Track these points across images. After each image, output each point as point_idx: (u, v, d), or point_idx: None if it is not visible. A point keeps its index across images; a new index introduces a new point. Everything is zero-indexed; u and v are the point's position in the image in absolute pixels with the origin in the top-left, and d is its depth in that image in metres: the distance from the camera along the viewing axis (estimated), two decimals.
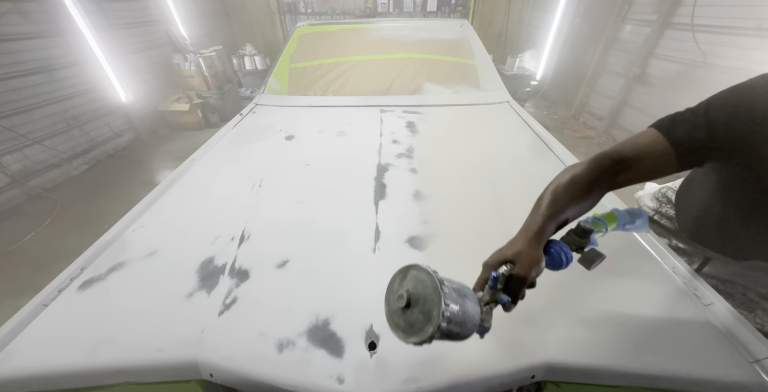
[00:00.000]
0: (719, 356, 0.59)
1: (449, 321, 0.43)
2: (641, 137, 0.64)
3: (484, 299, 0.52)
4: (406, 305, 0.46)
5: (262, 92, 2.08)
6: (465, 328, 0.46)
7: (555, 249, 0.55)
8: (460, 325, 0.45)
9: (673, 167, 0.61)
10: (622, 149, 0.63)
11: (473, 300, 0.48)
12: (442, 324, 0.42)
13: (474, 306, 0.47)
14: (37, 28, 2.97)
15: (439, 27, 2.41)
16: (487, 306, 0.51)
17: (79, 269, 0.83)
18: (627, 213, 0.64)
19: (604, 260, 0.55)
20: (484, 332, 0.52)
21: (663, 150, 0.60)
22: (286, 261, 0.81)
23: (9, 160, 2.79)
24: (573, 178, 0.61)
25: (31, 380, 0.61)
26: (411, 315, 0.46)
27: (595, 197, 0.63)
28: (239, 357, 0.61)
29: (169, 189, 1.16)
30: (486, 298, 0.52)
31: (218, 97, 4.58)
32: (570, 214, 0.59)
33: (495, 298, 0.51)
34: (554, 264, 0.55)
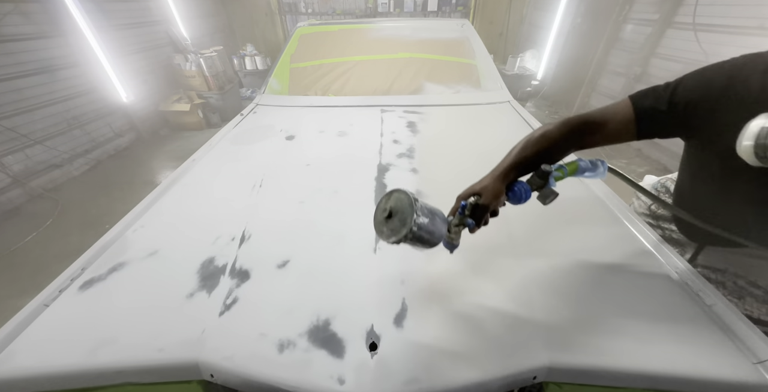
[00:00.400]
0: (722, 357, 0.58)
1: (419, 228, 0.57)
2: (615, 105, 0.70)
3: (454, 222, 0.66)
4: (388, 216, 0.60)
5: (262, 92, 2.08)
6: (433, 236, 0.60)
7: (517, 186, 0.68)
8: (429, 233, 0.59)
9: (632, 134, 0.68)
10: (593, 113, 0.71)
11: (442, 219, 0.62)
12: (413, 228, 0.56)
13: (442, 224, 0.62)
14: (38, 29, 2.97)
15: (439, 27, 2.40)
16: (457, 227, 0.66)
17: (80, 269, 0.83)
18: (589, 162, 0.74)
19: (557, 197, 0.67)
20: (453, 248, 0.68)
21: (627, 117, 0.67)
22: (286, 262, 0.81)
23: (11, 161, 2.80)
24: (544, 133, 0.71)
25: (32, 380, 0.61)
26: (392, 223, 0.60)
27: (561, 152, 0.72)
28: (240, 357, 0.61)
29: (170, 189, 1.16)
30: (456, 222, 0.66)
31: (219, 97, 4.58)
32: (535, 163, 0.68)
33: (463, 222, 0.66)
34: (515, 198, 0.69)
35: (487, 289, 0.72)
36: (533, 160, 0.69)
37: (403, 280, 0.74)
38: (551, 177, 0.67)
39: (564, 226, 0.92)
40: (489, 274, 0.76)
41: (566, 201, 1.02)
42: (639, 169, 3.27)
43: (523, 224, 0.91)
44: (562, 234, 0.89)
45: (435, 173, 1.20)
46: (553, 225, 0.92)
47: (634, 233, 0.88)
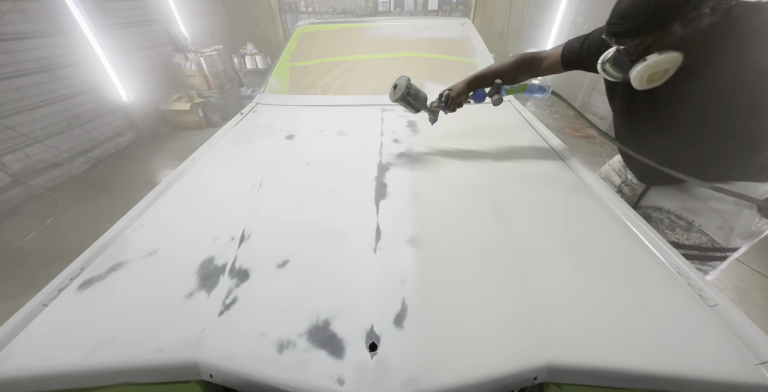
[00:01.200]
0: (724, 358, 0.58)
1: (408, 93, 1.13)
2: (556, 46, 1.11)
3: (434, 104, 1.23)
4: (394, 87, 1.17)
5: (262, 91, 2.08)
6: (417, 103, 1.18)
7: (477, 91, 1.18)
8: (415, 100, 1.16)
9: (559, 66, 1.10)
10: (540, 51, 1.16)
11: (423, 97, 1.19)
12: (405, 93, 1.13)
13: (424, 98, 1.19)
14: (38, 28, 2.97)
15: (440, 26, 2.40)
16: (436, 108, 1.24)
17: (79, 269, 0.82)
18: (537, 86, 1.17)
19: (502, 101, 1.11)
20: (433, 121, 1.30)
21: (557, 54, 1.09)
22: (286, 261, 0.81)
23: (11, 159, 2.80)
24: (504, 61, 1.19)
25: (31, 380, 0.61)
26: (395, 90, 1.16)
27: (514, 75, 1.16)
28: (239, 357, 0.60)
29: (170, 188, 1.15)
30: (435, 104, 1.23)
31: (219, 96, 4.58)
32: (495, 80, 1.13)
33: (439, 105, 1.22)
34: (475, 97, 1.19)
35: (487, 289, 0.72)
36: (491, 77, 1.14)
37: (404, 280, 0.74)
38: (502, 88, 1.10)
39: (564, 226, 0.91)
40: (489, 274, 0.76)
41: (566, 201, 1.02)
42: None
43: (524, 224, 0.91)
44: (562, 234, 0.88)
45: (435, 173, 1.19)
46: (553, 225, 0.92)
47: (634, 232, 0.88)
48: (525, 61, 1.13)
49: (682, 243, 1.03)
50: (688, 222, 1.02)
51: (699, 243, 1.01)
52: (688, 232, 1.02)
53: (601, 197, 1.02)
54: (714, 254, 1.01)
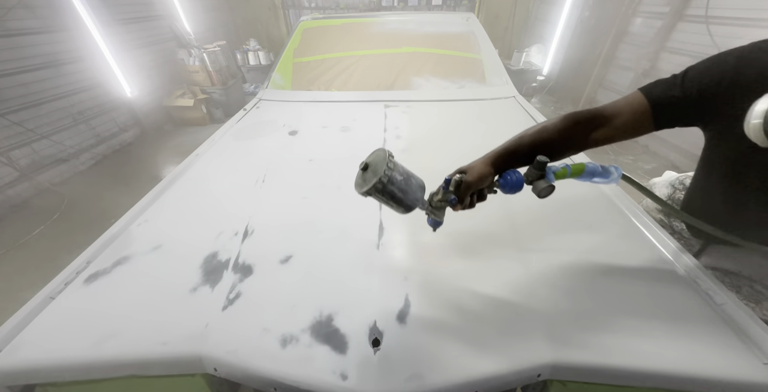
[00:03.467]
0: (731, 356, 0.57)
1: (389, 180, 0.58)
2: (624, 98, 0.68)
3: (437, 197, 0.66)
4: (363, 168, 0.62)
5: (265, 87, 2.07)
6: (406, 196, 0.61)
7: (510, 174, 0.66)
8: (401, 191, 0.60)
9: (648, 125, 0.65)
10: (604, 106, 0.68)
11: (419, 185, 0.64)
12: (383, 179, 0.57)
13: (418, 189, 0.63)
14: (42, 23, 2.97)
15: (444, 21, 2.37)
16: (440, 203, 0.66)
17: (86, 263, 0.83)
18: (599, 166, 0.68)
19: (552, 190, 0.64)
20: (436, 225, 0.70)
21: (641, 106, 0.64)
22: (289, 257, 0.81)
23: (18, 155, 2.82)
24: (545, 125, 0.69)
25: (38, 372, 0.62)
26: (366, 175, 0.61)
27: (563, 147, 0.68)
28: (243, 351, 0.61)
29: (174, 184, 1.16)
30: (439, 196, 0.66)
31: (222, 92, 4.58)
32: (532, 154, 0.65)
33: (446, 197, 0.65)
34: (506, 185, 0.66)
35: (491, 286, 0.72)
36: (528, 150, 0.67)
37: (407, 276, 0.74)
38: (548, 169, 0.64)
39: (570, 223, 0.90)
40: (494, 271, 0.76)
41: (572, 198, 1.00)
42: (646, 166, 3.23)
43: (528, 220, 0.90)
44: (567, 230, 0.87)
45: (439, 169, 1.18)
46: (558, 221, 0.91)
47: (641, 230, 0.87)
48: (581, 123, 0.68)
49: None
50: None
51: None
52: None
53: (608, 195, 1.01)
54: None
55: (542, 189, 0.63)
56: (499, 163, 0.67)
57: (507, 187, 0.66)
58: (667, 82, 0.64)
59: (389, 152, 0.61)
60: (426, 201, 0.66)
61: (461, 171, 0.67)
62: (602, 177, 0.68)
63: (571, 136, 0.68)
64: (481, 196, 0.68)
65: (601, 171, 0.68)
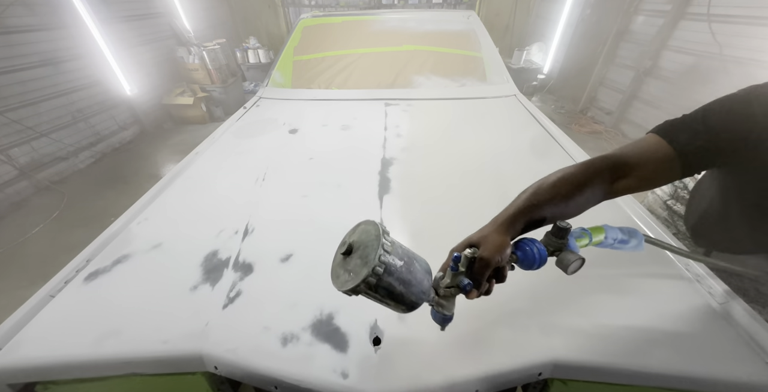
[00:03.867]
0: (734, 356, 0.57)
1: (386, 270, 0.40)
2: (643, 142, 0.61)
3: (445, 282, 0.49)
4: (346, 251, 0.44)
5: (265, 85, 2.06)
6: (409, 291, 0.44)
7: (528, 245, 0.52)
8: (403, 283, 0.43)
9: (675, 174, 0.59)
10: (623, 153, 0.61)
11: (424, 269, 0.47)
12: (378, 268, 0.40)
13: (424, 275, 0.46)
14: (41, 21, 2.96)
15: (445, 18, 2.36)
16: (449, 289, 0.49)
17: (85, 261, 0.83)
18: (618, 230, 0.59)
19: (583, 263, 0.52)
20: (445, 321, 0.52)
21: (667, 155, 0.58)
22: (290, 256, 0.81)
23: (17, 153, 2.82)
24: (563, 176, 0.58)
25: (39, 369, 0.62)
26: (351, 261, 0.43)
27: (584, 201, 0.58)
28: (243, 350, 0.61)
29: (174, 182, 1.16)
30: (447, 281, 0.49)
31: (222, 90, 4.57)
32: (550, 213, 0.55)
33: (456, 282, 0.48)
34: (527, 260, 0.52)
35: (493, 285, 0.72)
36: (547, 209, 0.55)
37: None
38: (571, 236, 0.53)
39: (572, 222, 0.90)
40: None
41: None
42: None
43: None
44: None
45: (440, 167, 1.18)
46: None
47: (643, 229, 0.86)
48: (600, 173, 0.59)
49: None
50: None
51: None
52: None
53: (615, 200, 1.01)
54: None
55: (572, 263, 0.51)
56: (515, 229, 0.53)
57: (527, 263, 0.52)
58: (689, 128, 0.59)
59: (383, 227, 0.44)
60: (431, 290, 0.50)
61: (472, 243, 0.51)
62: (623, 243, 0.59)
63: (593, 189, 0.58)
64: (500, 277, 0.52)
65: (620, 234, 0.59)
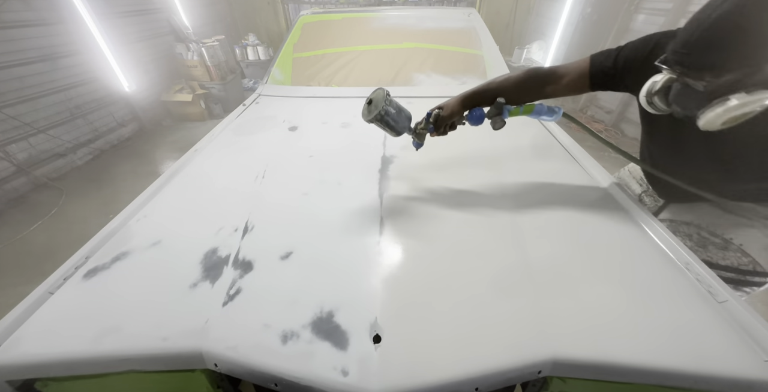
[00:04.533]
0: (733, 353, 0.57)
1: (386, 113, 0.82)
2: (577, 61, 0.87)
3: (420, 126, 0.95)
4: (368, 103, 0.85)
5: (265, 82, 2.05)
6: (398, 125, 0.86)
7: (475, 110, 0.90)
8: (394, 121, 0.85)
9: (586, 86, 0.85)
10: (557, 66, 0.89)
11: (407, 117, 0.89)
12: (382, 111, 0.82)
13: (406, 120, 0.89)
14: (38, 16, 2.94)
15: (446, 16, 2.35)
16: (422, 130, 0.95)
17: (84, 258, 0.83)
18: (546, 107, 0.88)
19: (504, 125, 0.87)
20: (418, 146, 1.00)
21: (583, 71, 0.84)
22: (290, 253, 0.81)
23: (15, 149, 2.80)
24: (508, 76, 0.91)
25: (38, 366, 0.62)
26: (370, 107, 0.85)
27: (522, 94, 0.88)
28: (243, 347, 0.61)
29: (173, 179, 1.15)
30: (422, 125, 0.94)
31: (221, 87, 4.54)
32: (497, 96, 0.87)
33: (426, 127, 0.93)
34: (472, 118, 0.91)
35: (492, 282, 0.72)
36: (493, 94, 0.87)
37: (408, 272, 0.74)
38: (505, 109, 0.85)
39: (571, 219, 0.90)
40: (494, 267, 0.76)
41: (572, 196, 1.00)
42: None
43: (530, 219, 0.90)
44: (568, 228, 0.87)
45: (440, 166, 1.18)
46: (560, 218, 0.91)
47: (643, 228, 0.87)
48: (537, 78, 0.88)
49: (716, 262, 0.90)
50: (724, 240, 0.89)
51: (738, 264, 0.88)
52: (724, 251, 0.89)
53: (608, 191, 1.01)
54: (753, 279, 0.88)
55: (497, 123, 0.86)
56: (468, 103, 0.90)
57: (472, 120, 0.90)
58: (608, 53, 0.81)
59: (387, 91, 0.84)
60: (412, 129, 0.93)
61: (439, 107, 0.91)
62: (548, 115, 0.87)
63: (528, 87, 0.88)
64: (452, 126, 0.94)
65: (547, 110, 0.87)
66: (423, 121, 0.93)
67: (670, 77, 0.64)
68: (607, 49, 0.82)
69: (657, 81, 0.67)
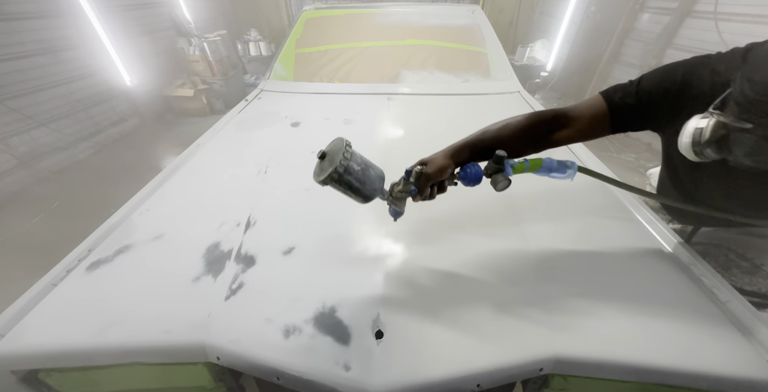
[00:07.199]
0: (735, 353, 0.58)
1: (345, 170, 0.58)
2: (588, 100, 0.72)
3: (397, 188, 0.67)
4: (321, 157, 0.62)
5: (267, 78, 2.04)
6: (363, 186, 0.61)
7: (470, 167, 0.67)
8: (358, 181, 0.60)
9: (606, 128, 0.69)
10: (568, 108, 0.72)
11: (378, 176, 0.64)
12: (339, 168, 0.57)
13: (376, 177, 0.64)
14: (38, 8, 2.91)
15: (449, 13, 2.33)
16: (401, 193, 0.67)
17: (87, 250, 0.83)
18: (556, 162, 0.69)
19: (509, 184, 0.65)
20: (397, 215, 0.72)
21: (601, 110, 0.68)
22: (292, 248, 0.81)
23: (16, 142, 2.80)
24: (509, 121, 0.71)
25: (41, 357, 0.62)
26: (323, 164, 0.62)
27: (525, 144, 0.71)
28: (246, 341, 0.61)
29: (175, 173, 1.15)
30: (399, 187, 0.67)
31: (223, 83, 4.52)
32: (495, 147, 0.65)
33: (406, 189, 0.66)
34: (465, 178, 0.67)
35: (494, 280, 0.72)
36: (490, 145, 0.68)
37: (410, 269, 0.74)
38: (507, 163, 0.65)
39: (574, 218, 0.90)
40: (497, 265, 0.76)
41: (576, 193, 1.00)
42: (648, 163, 3.22)
43: (531, 215, 0.90)
44: (571, 225, 0.87)
45: None
46: (562, 216, 0.91)
47: (645, 226, 0.87)
48: (543, 123, 0.70)
49: (739, 287, 0.81)
50: (754, 265, 0.83)
51: (766, 290, 0.82)
52: (751, 276, 0.84)
53: (611, 190, 1.01)
54: None
55: (499, 182, 0.64)
56: (459, 156, 0.68)
57: (466, 180, 0.68)
58: (625, 89, 0.68)
59: (347, 141, 0.61)
60: (387, 192, 0.68)
61: (422, 163, 0.67)
62: (559, 172, 0.69)
63: (534, 134, 0.70)
64: (441, 188, 0.69)
65: (558, 166, 0.68)
66: (401, 181, 0.67)
67: (719, 123, 0.53)
68: (618, 85, 0.69)
69: (702, 128, 0.55)
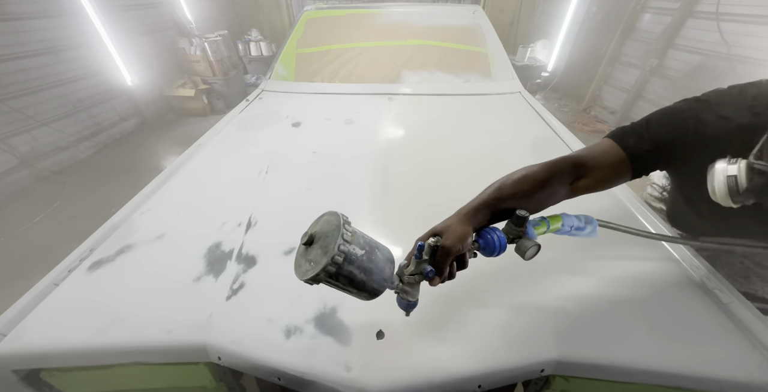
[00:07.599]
0: (737, 355, 0.58)
1: (346, 259, 0.41)
2: (600, 146, 0.67)
3: (409, 270, 0.51)
4: (308, 242, 0.44)
5: (268, 78, 2.05)
6: (371, 278, 0.45)
7: (490, 233, 0.55)
8: (364, 272, 0.44)
9: (627, 175, 0.65)
10: (583, 155, 0.66)
11: (387, 258, 0.49)
12: (337, 258, 0.40)
13: (386, 264, 0.48)
14: (41, 8, 2.92)
15: (450, 13, 2.33)
16: (412, 276, 0.51)
17: (89, 250, 0.83)
18: (575, 218, 0.63)
19: (539, 249, 0.54)
20: (409, 307, 0.54)
21: (619, 158, 0.64)
22: (293, 249, 0.81)
23: (18, 141, 2.80)
24: (527, 174, 0.63)
25: (43, 357, 0.62)
26: (311, 252, 0.44)
27: (545, 198, 0.62)
28: (247, 341, 0.61)
29: (176, 173, 1.15)
30: (411, 269, 0.51)
31: (224, 83, 4.53)
32: (512, 207, 0.57)
33: (420, 269, 0.50)
34: (488, 248, 0.54)
35: (497, 281, 0.72)
36: (509, 202, 0.58)
37: None
38: (529, 224, 0.56)
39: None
40: (499, 266, 0.75)
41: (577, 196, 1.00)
42: None
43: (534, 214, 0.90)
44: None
45: (444, 163, 1.18)
46: None
47: (647, 227, 0.86)
48: (562, 173, 0.63)
49: (760, 296, 0.81)
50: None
51: None
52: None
53: (613, 193, 1.01)
54: None
55: (528, 249, 0.53)
56: (477, 220, 0.56)
57: (488, 250, 0.54)
58: (636, 134, 0.65)
59: (344, 217, 0.45)
60: (395, 280, 0.51)
61: (436, 233, 0.53)
62: (580, 230, 0.63)
63: (554, 186, 0.63)
64: (461, 263, 0.55)
65: (578, 222, 0.63)
66: (412, 261, 0.52)
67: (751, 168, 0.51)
68: (625, 130, 0.67)
69: (736, 175, 0.53)
